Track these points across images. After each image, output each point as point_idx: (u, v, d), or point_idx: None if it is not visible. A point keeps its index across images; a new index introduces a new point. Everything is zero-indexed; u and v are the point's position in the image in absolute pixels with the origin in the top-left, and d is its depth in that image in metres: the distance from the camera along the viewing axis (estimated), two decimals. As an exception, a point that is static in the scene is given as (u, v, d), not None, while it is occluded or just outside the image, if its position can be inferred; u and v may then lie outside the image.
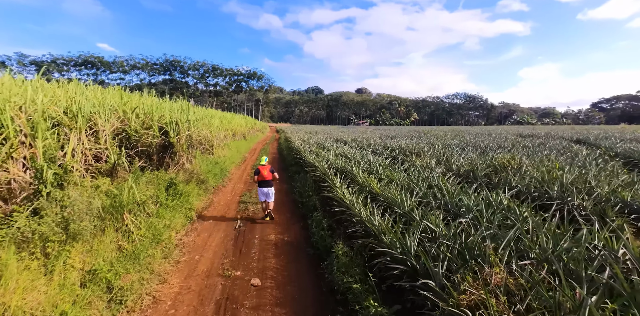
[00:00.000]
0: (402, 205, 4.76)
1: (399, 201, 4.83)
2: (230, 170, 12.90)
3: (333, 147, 13.12)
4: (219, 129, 18.26)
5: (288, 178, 11.39)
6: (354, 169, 7.34)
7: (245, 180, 11.53)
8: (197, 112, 17.01)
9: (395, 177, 6.54)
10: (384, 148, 12.73)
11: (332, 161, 9.05)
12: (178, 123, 9.56)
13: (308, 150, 12.39)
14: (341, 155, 10.37)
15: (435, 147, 12.05)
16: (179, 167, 9.16)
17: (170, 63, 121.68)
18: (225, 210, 7.98)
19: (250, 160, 17.00)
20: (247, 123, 32.16)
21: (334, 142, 16.62)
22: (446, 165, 8.57)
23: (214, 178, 9.92)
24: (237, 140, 23.62)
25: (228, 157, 14.50)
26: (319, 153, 11.24)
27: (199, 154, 11.32)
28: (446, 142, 14.71)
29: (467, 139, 17.88)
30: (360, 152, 11.60)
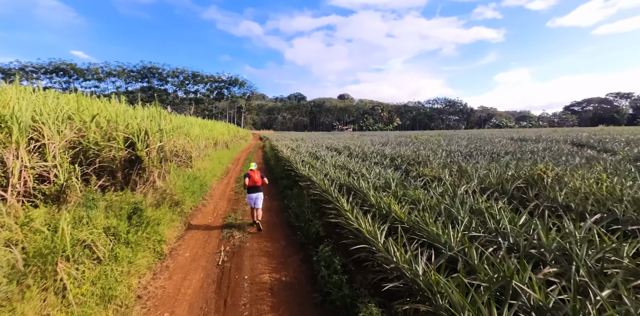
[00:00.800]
0: (444, 240, 3.54)
1: (440, 235, 3.62)
2: (212, 185, 11.41)
3: (327, 156, 11.87)
4: (199, 138, 16.72)
5: (278, 193, 10.03)
6: (362, 185, 6.09)
7: (229, 197, 10.09)
8: (175, 120, 15.47)
9: (415, 195, 5.33)
10: (382, 157, 11.59)
11: (331, 175, 7.77)
12: (148, 133, 8.09)
13: (299, 161, 11.10)
14: (341, 166, 9.11)
15: (438, 155, 11.02)
16: (149, 185, 7.67)
17: (148, 70, 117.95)
18: (206, 238, 6.54)
19: (234, 171, 15.51)
20: (230, 131, 30.53)
21: (325, 150, 15.38)
22: (461, 176, 7.47)
23: (192, 197, 8.45)
24: (219, 149, 22.02)
25: (209, 169, 12.99)
26: (313, 164, 9.97)
27: (174, 168, 9.82)
28: (446, 149, 13.75)
29: (463, 144, 17.06)
30: (359, 162, 10.40)
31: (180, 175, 9.56)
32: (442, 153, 11.57)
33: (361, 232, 4.15)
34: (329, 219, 5.57)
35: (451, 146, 15.61)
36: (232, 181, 12.79)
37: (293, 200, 7.81)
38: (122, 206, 6.10)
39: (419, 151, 12.57)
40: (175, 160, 11.22)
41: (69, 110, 7.91)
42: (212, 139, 20.60)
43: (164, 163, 8.66)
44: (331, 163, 9.84)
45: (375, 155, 12.20)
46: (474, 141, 20.28)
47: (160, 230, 5.72)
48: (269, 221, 7.59)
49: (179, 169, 10.80)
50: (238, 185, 11.66)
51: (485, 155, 10.69)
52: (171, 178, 8.82)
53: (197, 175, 10.64)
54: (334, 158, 11.15)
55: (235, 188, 11.31)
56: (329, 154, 12.58)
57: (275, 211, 8.37)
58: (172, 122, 14.64)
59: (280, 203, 9.03)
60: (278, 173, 11.89)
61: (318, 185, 6.81)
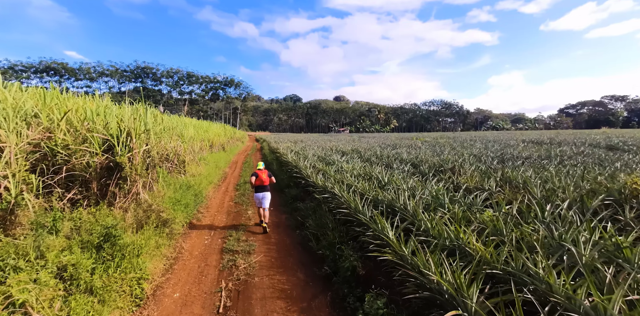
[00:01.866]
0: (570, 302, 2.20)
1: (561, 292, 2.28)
2: (208, 194, 9.97)
3: (339, 161, 10.48)
4: (193, 140, 15.27)
5: (286, 204, 8.63)
6: (405, 202, 4.72)
7: (228, 208, 8.67)
8: (167, 120, 14.03)
9: (487, 219, 3.98)
10: (401, 162, 10.26)
11: (357, 186, 6.38)
12: (131, 135, 6.66)
13: (309, 165, 9.71)
14: (363, 175, 7.71)
15: (466, 159, 9.72)
16: (131, 198, 6.23)
17: (141, 70, 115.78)
18: (201, 267, 5.13)
19: (232, 176, 14.06)
20: (226, 133, 29.02)
21: (333, 153, 13.99)
22: (513, 187, 6.16)
23: (185, 211, 7.02)
24: (215, 152, 20.55)
25: (205, 175, 11.55)
26: (327, 171, 8.59)
27: (164, 175, 8.39)
28: (470, 152, 12.45)
29: (478, 147, 15.82)
30: (377, 167, 9.04)
31: (171, 183, 8.13)
32: (468, 158, 10.27)
33: (437, 284, 2.78)
34: (366, 248, 4.20)
35: (469, 149, 14.33)
36: (231, 188, 11.35)
37: (309, 216, 6.41)
38: (93, 229, 4.67)
39: (442, 155, 11.25)
40: (165, 166, 9.78)
41: (35, 106, 6.49)
42: (208, 141, 19.14)
43: (151, 170, 7.22)
44: (348, 169, 8.46)
45: (392, 159, 10.86)
46: (488, 143, 19.06)
47: (141, 263, 4.29)
48: (279, 241, 6.20)
49: (170, 176, 9.36)
50: (238, 194, 10.23)
51: (519, 160, 9.41)
52: (159, 188, 7.38)
53: (191, 182, 9.20)
54: (349, 163, 9.75)
55: (235, 197, 9.88)
56: (340, 158, 11.19)
57: (285, 228, 6.97)
58: (164, 123, 13.21)
59: (290, 217, 7.63)
60: (283, 180, 10.49)
61: (344, 200, 5.42)
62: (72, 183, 6.04)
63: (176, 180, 8.95)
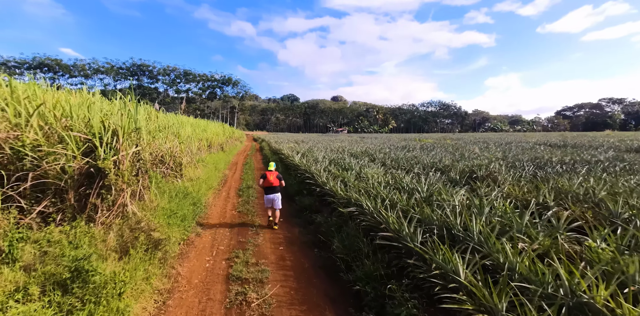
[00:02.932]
0: None
1: None
2: (208, 201, 8.87)
3: (355, 164, 9.40)
4: (191, 140, 14.16)
5: (297, 215, 7.55)
6: (471, 228, 3.64)
7: (231, 219, 7.58)
8: (162, 118, 12.92)
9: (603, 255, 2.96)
10: (423, 167, 9.23)
11: (386, 197, 5.31)
12: (118, 134, 5.56)
13: (322, 170, 8.63)
14: (391, 185, 6.61)
15: (495, 164, 8.70)
16: (116, 211, 5.14)
17: (138, 67, 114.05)
18: (202, 304, 4.04)
19: (233, 180, 12.96)
20: (225, 132, 27.86)
21: (345, 155, 12.88)
22: (571, 202, 5.16)
23: (182, 225, 5.93)
24: (214, 152, 19.42)
25: (203, 178, 10.45)
26: (344, 177, 7.53)
27: (158, 180, 7.29)
28: (497, 156, 11.45)
29: (493, 149, 14.85)
30: (400, 173, 7.99)
31: (165, 190, 7.03)
32: (497, 162, 9.26)
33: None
34: (421, 285, 3.15)
35: (488, 152, 13.34)
36: (233, 194, 10.26)
37: (332, 234, 5.33)
38: (64, 256, 3.60)
39: (465, 159, 10.24)
40: (160, 169, 8.68)
41: (1, 98, 5.40)
42: (206, 141, 18.01)
43: (142, 176, 6.12)
44: (371, 176, 7.39)
45: (411, 164, 9.83)
46: (502, 146, 18.10)
47: (123, 308, 3.21)
48: (296, 263, 5.14)
49: (165, 181, 8.27)
50: (241, 201, 9.14)
51: (555, 165, 8.41)
52: (152, 197, 6.29)
53: (188, 189, 8.11)
54: (369, 168, 8.67)
55: (238, 205, 8.79)
56: (355, 162, 10.12)
57: (301, 246, 5.90)
58: (159, 121, 12.11)
59: (304, 231, 6.56)
60: (292, 186, 9.42)
61: (383, 220, 4.36)
62: (44, 194, 4.94)
63: (172, 186, 7.86)
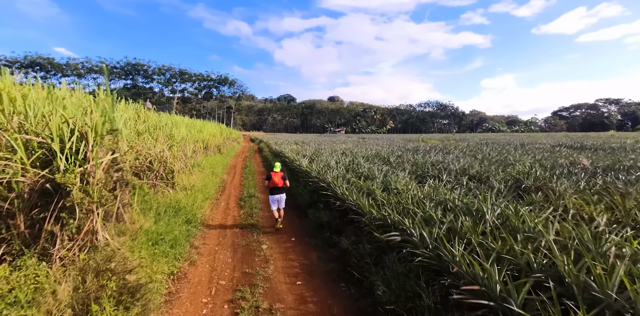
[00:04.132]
0: None
1: None
2: (204, 215, 7.57)
3: (376, 171, 8.11)
4: (185, 141, 12.86)
5: (313, 234, 6.26)
6: (607, 283, 2.42)
7: (233, 239, 6.28)
8: (154, 118, 11.61)
9: None
10: (453, 174, 8.00)
11: (446, 222, 4.04)
12: (87, 138, 4.27)
13: (340, 179, 7.34)
14: (434, 200, 5.29)
15: (540, 171, 7.50)
16: (83, 241, 3.84)
17: (132, 66, 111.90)
18: None
19: (232, 186, 11.66)
20: (222, 133, 26.48)
21: (360, 159, 11.55)
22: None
23: (172, 254, 4.65)
24: (211, 154, 18.10)
25: (199, 187, 9.15)
26: (370, 189, 6.25)
27: (144, 193, 6.00)
28: (522, 160, 10.25)
29: (513, 152, 13.68)
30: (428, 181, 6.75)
31: (152, 206, 5.74)
32: (538, 168, 8.06)
33: None
34: None
35: (512, 155, 12.15)
36: (233, 204, 8.96)
37: (369, 269, 4.06)
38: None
39: (501, 164, 9.02)
40: (149, 177, 7.38)
41: None
42: (203, 142, 16.69)
43: (122, 190, 4.82)
44: (402, 187, 6.10)
45: (439, 170, 8.59)
46: (519, 148, 16.94)
47: None
48: (322, 308, 3.88)
49: (153, 192, 6.97)
50: (243, 214, 7.85)
51: (611, 173, 7.22)
52: (134, 216, 5.00)
53: (181, 202, 6.81)
54: (394, 176, 7.38)
55: (240, 218, 7.50)
56: (374, 168, 8.82)
57: (323, 277, 4.63)
58: (149, 121, 10.81)
59: (324, 256, 5.29)
60: (302, 195, 8.15)
61: (454, 260, 3.09)
62: (-19, 219, 3.65)
63: (161, 199, 6.56)
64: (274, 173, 6.88)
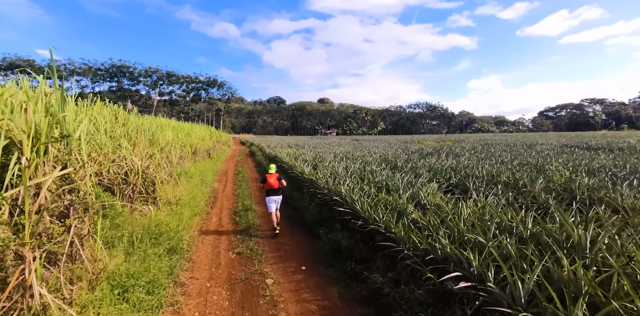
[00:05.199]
0: None
1: None
2: (193, 237, 6.30)
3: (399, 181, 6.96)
4: (172, 146, 11.54)
5: (328, 262, 5.02)
6: None
7: (228, 270, 5.04)
8: (134, 120, 10.27)
9: None
10: (484, 182, 6.93)
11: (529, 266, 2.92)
12: (22, 149, 3.01)
13: (350, 189, 6.19)
14: (479, 223, 4.12)
15: (578, 176, 6.50)
16: (9, 304, 2.60)
17: (117, 68, 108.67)
18: None
19: (225, 196, 10.38)
20: (212, 136, 25.03)
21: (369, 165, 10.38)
22: None
23: (149, 303, 3.41)
24: (200, 160, 16.72)
25: (186, 199, 7.88)
26: (398, 204, 5.10)
27: (116, 213, 4.74)
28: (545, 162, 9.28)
29: (529, 154, 12.79)
30: (480, 197, 5.65)
31: (124, 232, 4.48)
32: (580, 175, 7.06)
33: None
34: None
35: (532, 158, 11.21)
36: (227, 220, 7.70)
37: None
38: None
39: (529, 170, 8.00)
40: (124, 192, 6.09)
41: None
42: (191, 147, 15.33)
43: (78, 217, 3.55)
44: (446, 204, 4.95)
45: (461, 176, 7.52)
46: (527, 149, 16.10)
47: None
48: None
49: (129, 211, 5.69)
50: (240, 232, 6.62)
51: None
52: (97, 252, 3.73)
53: (162, 225, 5.53)
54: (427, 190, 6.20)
55: (236, 240, 6.27)
56: (388, 176, 7.68)
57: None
58: (130, 124, 9.48)
59: (347, 293, 4.09)
60: (308, 210, 6.95)
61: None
62: None
63: (139, 220, 5.29)
64: (269, 175, 6.76)
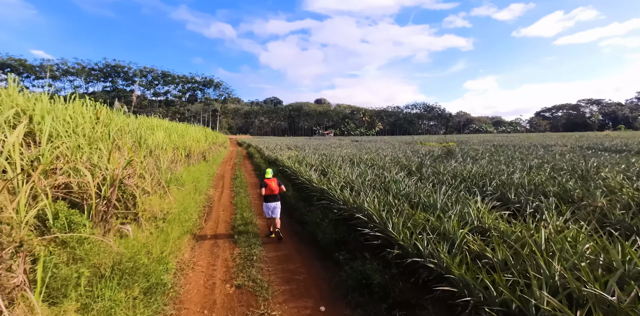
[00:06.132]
0: None
1: None
2: (182, 261, 5.14)
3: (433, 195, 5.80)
4: (163, 149, 10.36)
5: (347, 295, 3.89)
6: None
7: (225, 308, 3.92)
8: (119, 120, 9.12)
9: None
10: (516, 192, 5.84)
11: None
12: None
13: (377, 203, 5.08)
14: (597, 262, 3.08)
15: None
16: None
17: (112, 68, 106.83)
18: None
19: (221, 206, 9.23)
20: (208, 138, 23.76)
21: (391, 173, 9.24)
22: None
23: None
24: (194, 163, 15.50)
25: (176, 212, 6.72)
26: (444, 227, 3.98)
27: (79, 239, 3.59)
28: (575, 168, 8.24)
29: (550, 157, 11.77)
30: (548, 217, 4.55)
31: (82, 272, 3.33)
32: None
33: None
34: None
35: (562, 162, 10.15)
36: (223, 237, 6.54)
37: None
38: None
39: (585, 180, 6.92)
40: (98, 208, 4.93)
41: None
42: (184, 149, 14.13)
43: (2, 263, 2.40)
44: (507, 228, 3.82)
45: (500, 186, 6.44)
46: (542, 151, 15.09)
47: None
48: None
49: (101, 232, 4.53)
50: (239, 256, 5.47)
51: None
52: (37, 308, 2.58)
53: (141, 254, 4.37)
54: (475, 207, 5.03)
55: (235, 267, 5.12)
56: (425, 188, 6.53)
57: None
58: (113, 124, 8.34)
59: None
60: (320, 227, 5.81)
61: None
62: None
63: (108, 249, 4.12)
64: (268, 179, 6.50)
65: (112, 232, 4.86)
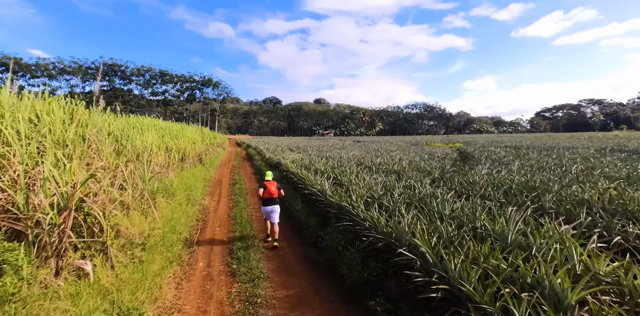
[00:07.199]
0: None
1: None
2: (165, 303, 3.88)
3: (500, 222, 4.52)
4: (152, 152, 9.09)
5: None
6: None
7: None
8: (96, 120, 7.86)
9: None
10: (586, 213, 4.61)
11: None
12: None
13: (425, 228, 3.83)
14: None
15: None
16: None
17: (109, 67, 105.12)
18: None
19: (217, 219, 7.95)
20: (205, 139, 22.42)
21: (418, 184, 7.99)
22: None
23: None
24: (189, 167, 14.20)
25: (160, 234, 5.46)
26: (521, 273, 2.74)
27: (10, 293, 2.31)
28: None
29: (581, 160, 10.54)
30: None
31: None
32: None
33: None
34: None
35: (607, 168, 8.92)
36: (218, 267, 5.27)
37: None
38: None
39: None
40: (51, 238, 3.67)
41: None
42: (178, 152, 12.84)
43: None
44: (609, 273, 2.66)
45: (559, 202, 5.20)
46: (566, 153, 13.86)
47: None
48: None
49: (44, 278, 3.26)
50: (239, 293, 4.21)
51: None
52: None
53: (102, 304, 3.13)
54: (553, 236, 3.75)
55: (233, 309, 3.87)
56: (476, 205, 5.26)
57: None
58: (91, 125, 7.10)
59: None
60: (342, 256, 4.55)
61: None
62: None
63: (52, 305, 2.85)
64: (268, 182, 6.36)
65: (65, 272, 3.60)
